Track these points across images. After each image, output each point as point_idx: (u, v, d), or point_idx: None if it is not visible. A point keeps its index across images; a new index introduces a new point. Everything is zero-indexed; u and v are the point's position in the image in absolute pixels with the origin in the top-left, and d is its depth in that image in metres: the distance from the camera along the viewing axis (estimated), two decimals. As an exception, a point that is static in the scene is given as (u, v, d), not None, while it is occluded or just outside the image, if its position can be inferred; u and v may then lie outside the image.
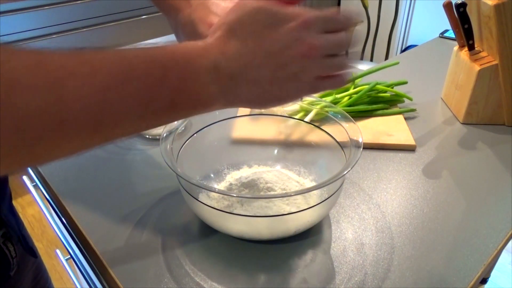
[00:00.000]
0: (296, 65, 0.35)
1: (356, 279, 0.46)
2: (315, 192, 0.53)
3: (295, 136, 0.63)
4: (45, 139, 0.27)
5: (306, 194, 0.52)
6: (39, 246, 1.65)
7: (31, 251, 0.59)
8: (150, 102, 0.32)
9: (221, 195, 0.52)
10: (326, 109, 0.57)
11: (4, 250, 0.49)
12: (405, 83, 0.83)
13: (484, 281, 1.18)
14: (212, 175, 0.60)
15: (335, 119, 0.55)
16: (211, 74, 0.34)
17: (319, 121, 0.59)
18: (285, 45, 0.34)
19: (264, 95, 0.36)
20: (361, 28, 3.18)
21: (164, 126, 0.51)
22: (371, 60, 3.08)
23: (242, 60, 0.34)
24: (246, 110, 0.65)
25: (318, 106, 0.61)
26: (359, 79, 0.82)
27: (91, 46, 0.31)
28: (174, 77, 0.32)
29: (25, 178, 0.72)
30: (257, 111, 0.64)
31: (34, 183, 0.68)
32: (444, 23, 0.82)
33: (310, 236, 0.52)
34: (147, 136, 0.71)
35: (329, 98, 0.78)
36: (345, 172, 0.44)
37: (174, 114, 0.35)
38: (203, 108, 0.36)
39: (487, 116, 0.75)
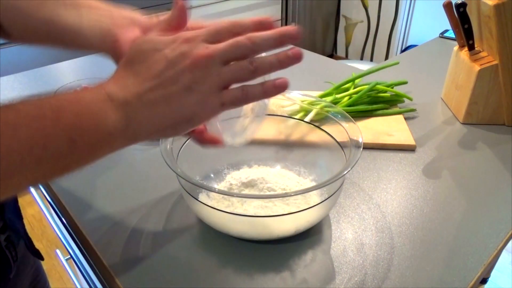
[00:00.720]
0: (186, 76, 0.35)
1: (356, 279, 0.46)
2: (315, 192, 0.53)
3: (295, 136, 0.63)
4: None
5: (306, 194, 0.52)
6: (39, 246, 1.65)
7: (37, 254, 0.59)
8: (46, 144, 0.31)
9: (221, 195, 0.52)
10: (326, 109, 0.57)
11: (7, 254, 0.49)
12: (405, 83, 0.84)
13: (484, 281, 1.18)
14: (212, 175, 0.60)
15: (335, 119, 0.55)
16: (106, 103, 0.34)
17: (319, 121, 0.59)
18: (170, 61, 0.35)
19: (167, 117, 0.36)
20: (361, 28, 3.18)
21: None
22: (371, 60, 3.09)
23: (135, 87, 0.35)
24: None
25: (318, 106, 0.61)
26: (359, 79, 0.82)
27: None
28: (67, 115, 0.32)
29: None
30: None
31: (34, 183, 0.68)
32: (444, 23, 0.82)
33: (310, 236, 0.52)
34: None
35: (329, 98, 0.78)
36: (345, 172, 0.44)
37: (75, 155, 0.33)
38: (106, 143, 0.35)
39: (487, 116, 0.75)
